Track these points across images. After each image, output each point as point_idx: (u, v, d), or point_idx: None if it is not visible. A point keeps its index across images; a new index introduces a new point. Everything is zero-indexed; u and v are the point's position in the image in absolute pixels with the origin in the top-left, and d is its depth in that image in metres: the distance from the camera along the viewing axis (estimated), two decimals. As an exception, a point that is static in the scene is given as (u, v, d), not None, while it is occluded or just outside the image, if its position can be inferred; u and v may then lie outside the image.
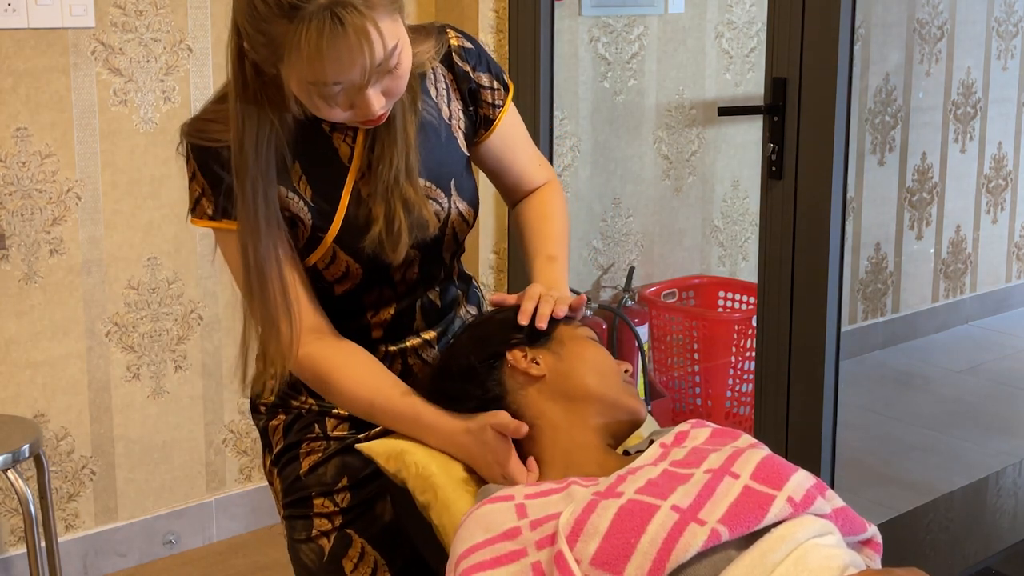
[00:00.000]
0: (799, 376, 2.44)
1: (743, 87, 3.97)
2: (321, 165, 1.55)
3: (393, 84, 1.43)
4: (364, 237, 1.54)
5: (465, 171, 1.66)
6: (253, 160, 1.46)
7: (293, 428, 1.65)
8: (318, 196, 1.54)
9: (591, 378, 1.51)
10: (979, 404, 4.15)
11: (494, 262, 3.35)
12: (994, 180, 4.86)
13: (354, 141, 1.56)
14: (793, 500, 1.26)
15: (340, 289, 1.59)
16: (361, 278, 1.58)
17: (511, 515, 1.30)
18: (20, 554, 2.89)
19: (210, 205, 1.53)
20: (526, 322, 1.54)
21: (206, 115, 1.54)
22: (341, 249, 1.55)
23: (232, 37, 1.43)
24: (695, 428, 1.46)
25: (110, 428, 2.99)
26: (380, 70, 1.39)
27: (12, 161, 2.75)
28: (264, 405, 1.68)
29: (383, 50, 1.37)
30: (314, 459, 1.63)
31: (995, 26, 4.73)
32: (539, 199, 1.79)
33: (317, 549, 1.62)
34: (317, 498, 1.62)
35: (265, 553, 3.09)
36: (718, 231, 4.04)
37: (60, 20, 2.75)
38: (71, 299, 2.88)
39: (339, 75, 1.37)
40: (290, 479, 1.64)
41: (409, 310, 1.64)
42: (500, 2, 3.18)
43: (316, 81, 1.37)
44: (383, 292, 1.61)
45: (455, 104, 1.65)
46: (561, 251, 1.73)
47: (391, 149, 1.53)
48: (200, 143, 1.52)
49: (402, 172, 1.54)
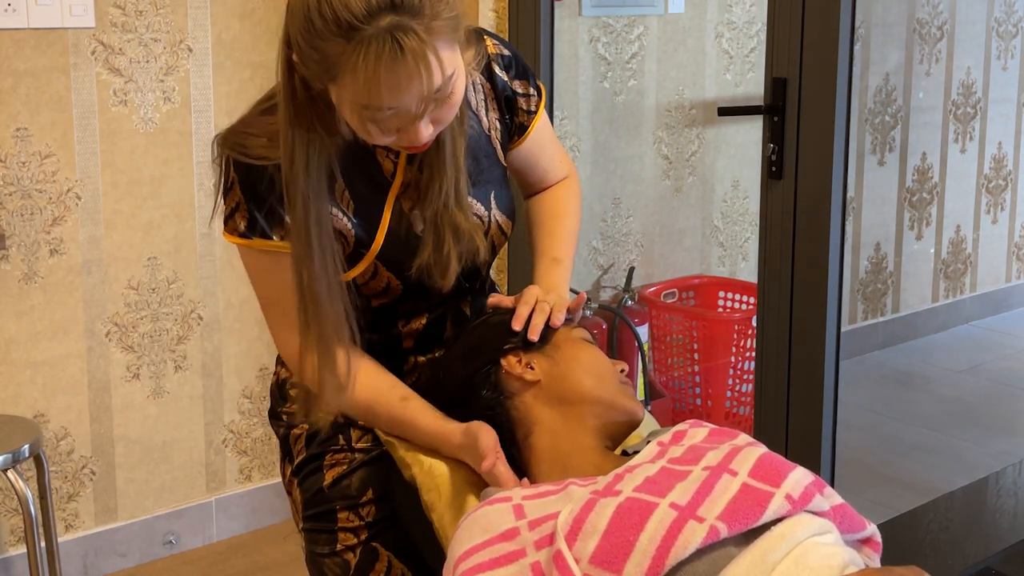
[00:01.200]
0: (799, 376, 2.44)
1: (743, 87, 3.97)
2: (364, 181, 1.52)
3: (443, 113, 1.39)
4: (411, 261, 1.51)
5: (503, 181, 1.64)
6: (304, 179, 1.41)
7: (316, 439, 1.62)
8: (360, 211, 1.51)
9: (587, 381, 1.51)
10: (979, 404, 4.15)
11: (494, 262, 3.35)
12: (994, 180, 4.86)
13: (397, 157, 1.53)
14: (791, 497, 1.26)
15: (377, 303, 1.57)
16: (400, 294, 1.56)
17: (509, 516, 1.30)
18: (20, 554, 2.89)
19: (243, 221, 1.48)
20: (520, 327, 1.54)
21: (248, 128, 1.48)
22: (383, 265, 1.53)
23: (282, 49, 1.38)
24: (693, 428, 1.46)
25: (110, 428, 2.99)
26: (436, 97, 1.35)
27: (12, 161, 2.75)
28: (287, 413, 1.66)
29: (441, 78, 1.33)
30: (338, 471, 1.60)
31: (995, 26, 4.73)
32: (554, 196, 1.77)
33: (342, 563, 1.60)
34: (342, 512, 1.59)
35: (265, 553, 3.09)
36: (718, 231, 4.04)
37: (60, 20, 2.75)
38: (71, 299, 2.88)
39: (394, 101, 1.32)
40: (312, 491, 1.61)
41: (440, 321, 1.63)
42: (500, 2, 3.18)
43: (369, 105, 1.33)
44: (417, 303, 1.60)
45: (492, 114, 1.63)
46: (567, 253, 1.72)
47: (440, 174, 1.50)
48: (243, 160, 1.46)
49: (451, 198, 1.51)
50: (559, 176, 1.79)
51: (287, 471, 1.67)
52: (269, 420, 1.72)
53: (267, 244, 1.49)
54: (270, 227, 1.47)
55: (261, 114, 1.48)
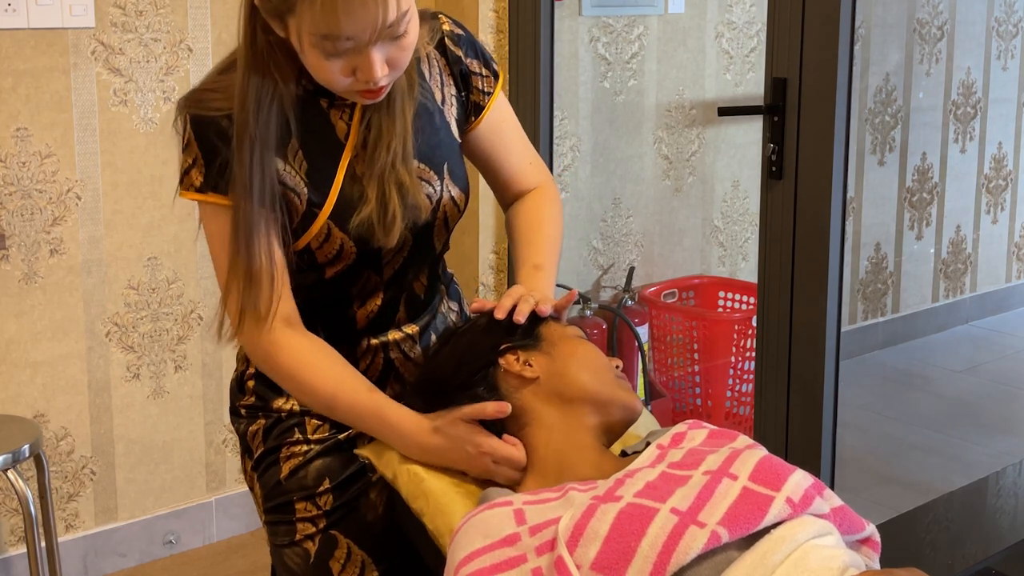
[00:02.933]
0: (799, 376, 2.44)
1: (743, 87, 3.97)
2: (317, 140, 1.54)
3: (398, 55, 1.44)
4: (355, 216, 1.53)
5: (458, 156, 1.66)
6: (254, 123, 1.46)
7: (272, 432, 1.63)
8: (313, 171, 1.53)
9: (585, 376, 1.50)
10: (979, 404, 4.15)
11: (494, 262, 3.36)
12: (994, 180, 4.86)
13: (351, 119, 1.55)
14: (792, 501, 1.26)
15: (331, 271, 1.57)
16: (355, 258, 1.57)
17: (509, 521, 1.30)
18: (20, 554, 2.89)
19: (199, 176, 1.51)
20: (502, 316, 1.54)
21: (206, 85, 1.53)
22: (336, 226, 1.54)
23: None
24: (692, 429, 1.46)
25: (110, 428, 2.99)
26: (389, 32, 1.40)
27: (12, 161, 2.75)
28: (244, 408, 1.66)
29: (396, 11, 1.38)
30: (294, 463, 1.61)
31: (995, 26, 4.73)
32: (530, 204, 1.77)
33: (302, 552, 1.61)
34: (299, 502, 1.60)
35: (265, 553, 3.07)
36: (718, 231, 4.04)
37: (60, 20, 2.75)
38: (71, 299, 2.88)
39: (350, 27, 1.37)
40: (270, 484, 1.62)
41: (394, 302, 1.63)
42: (500, 2, 3.18)
43: (327, 34, 1.37)
44: (370, 279, 1.60)
45: (448, 89, 1.65)
46: (548, 259, 1.71)
47: (389, 133, 1.53)
48: (198, 113, 1.50)
49: (399, 156, 1.53)
50: (531, 182, 1.78)
51: (247, 466, 1.68)
52: (230, 418, 1.72)
53: (221, 199, 1.50)
54: (225, 182, 1.49)
55: (219, 73, 1.53)
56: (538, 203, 1.77)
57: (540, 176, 1.80)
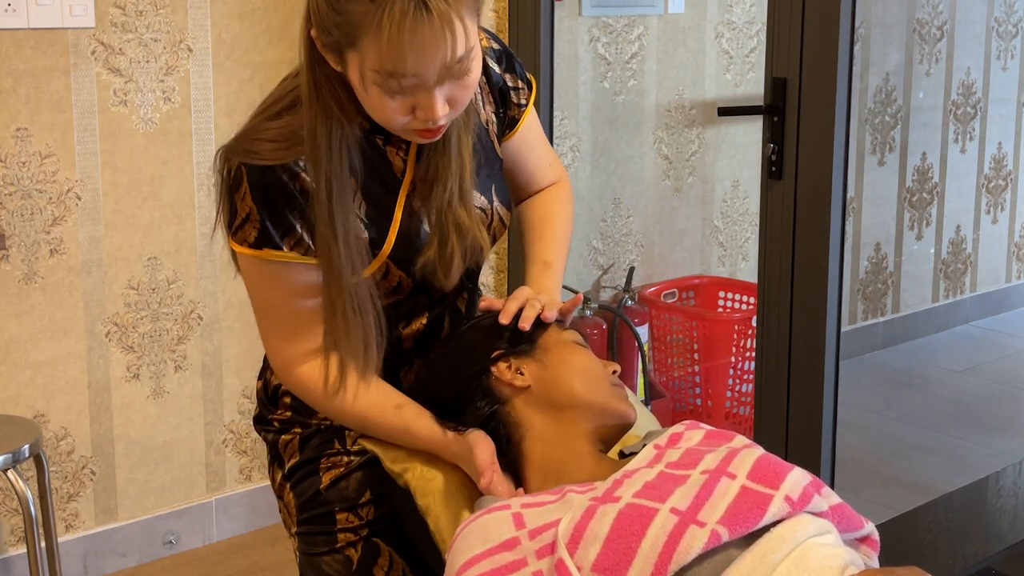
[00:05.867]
0: (799, 376, 2.44)
1: (743, 87, 3.97)
2: (375, 179, 1.49)
3: (460, 93, 1.37)
4: (416, 259, 1.50)
5: (500, 174, 1.63)
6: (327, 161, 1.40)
7: (311, 443, 1.61)
8: (372, 211, 1.49)
9: (578, 384, 1.49)
10: (979, 404, 4.15)
11: (494, 262, 3.36)
12: (994, 180, 4.86)
13: (407, 155, 1.51)
14: (791, 499, 1.26)
15: (386, 301, 1.54)
16: (410, 292, 1.55)
17: (509, 525, 1.30)
18: (20, 554, 2.89)
19: (254, 231, 1.44)
20: (507, 321, 1.53)
21: (255, 135, 1.44)
22: (395, 264, 1.51)
23: (303, 26, 1.37)
24: (689, 430, 1.46)
25: (110, 428, 2.99)
26: (455, 71, 1.34)
27: (12, 161, 2.75)
28: (278, 420, 1.64)
29: (464, 47, 1.32)
30: (335, 473, 1.59)
31: (995, 26, 4.72)
32: (544, 200, 1.76)
33: (344, 559, 1.59)
34: (340, 513, 1.59)
35: (265, 553, 3.09)
36: (718, 231, 4.04)
37: (60, 20, 2.75)
38: (71, 299, 2.88)
39: (416, 65, 1.30)
40: (308, 494, 1.61)
41: (439, 319, 1.61)
42: (500, 2, 3.18)
43: (392, 71, 1.31)
44: (419, 300, 1.58)
45: (488, 107, 1.62)
46: (558, 256, 1.70)
47: (445, 171, 1.48)
48: (254, 163, 1.42)
49: (455, 195, 1.49)
50: (548, 179, 1.77)
51: (277, 476, 1.65)
52: (254, 425, 1.70)
53: (276, 255, 1.46)
54: (281, 237, 1.45)
55: (268, 119, 1.46)
56: (551, 199, 1.76)
57: (556, 173, 1.79)
